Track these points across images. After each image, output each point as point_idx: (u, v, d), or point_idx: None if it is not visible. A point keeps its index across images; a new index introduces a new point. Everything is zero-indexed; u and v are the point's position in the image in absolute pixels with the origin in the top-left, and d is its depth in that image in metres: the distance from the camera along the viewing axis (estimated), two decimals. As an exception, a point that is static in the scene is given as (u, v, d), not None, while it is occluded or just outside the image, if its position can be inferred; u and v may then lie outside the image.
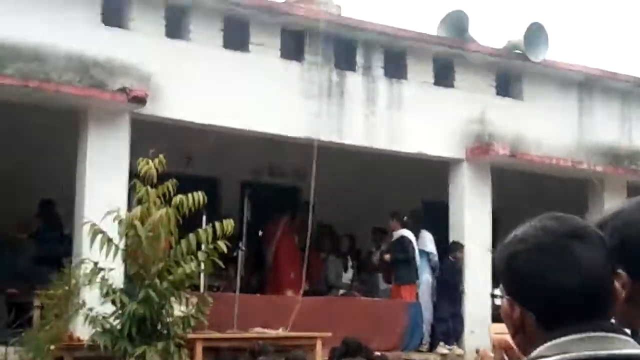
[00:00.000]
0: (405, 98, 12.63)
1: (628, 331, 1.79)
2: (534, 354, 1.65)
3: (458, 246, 12.62)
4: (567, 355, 1.61)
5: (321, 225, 13.70)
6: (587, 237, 1.71)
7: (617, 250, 1.92)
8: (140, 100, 10.32)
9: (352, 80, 12.31)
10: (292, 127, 11.57)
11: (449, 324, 12.59)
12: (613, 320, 1.73)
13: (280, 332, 10.31)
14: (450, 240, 12.91)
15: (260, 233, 13.36)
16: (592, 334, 1.64)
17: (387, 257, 13.00)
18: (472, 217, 12.85)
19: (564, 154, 13.44)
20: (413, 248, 12.64)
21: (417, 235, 12.81)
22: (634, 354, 1.64)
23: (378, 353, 9.16)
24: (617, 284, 1.88)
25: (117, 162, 9.99)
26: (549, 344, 1.64)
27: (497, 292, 2.01)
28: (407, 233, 12.82)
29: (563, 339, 1.63)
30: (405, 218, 13.06)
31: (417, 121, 12.52)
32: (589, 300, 1.66)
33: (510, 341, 2.02)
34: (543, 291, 1.66)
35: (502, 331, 1.99)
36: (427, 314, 12.56)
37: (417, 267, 12.66)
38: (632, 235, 1.97)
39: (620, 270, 1.91)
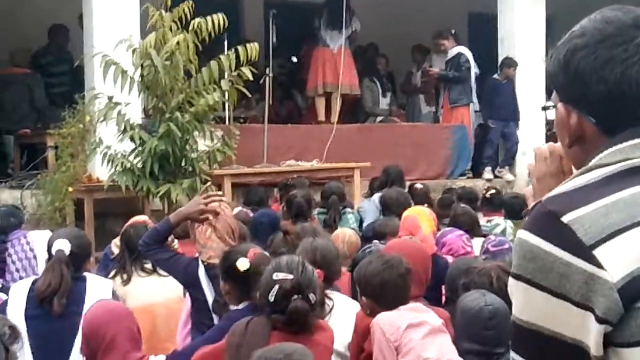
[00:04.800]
0: None
1: None
2: (593, 162, 1.61)
3: (512, 62, 12.44)
4: (630, 162, 1.57)
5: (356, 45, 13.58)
6: None
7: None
8: None
9: None
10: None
11: (497, 148, 12.62)
12: None
13: (315, 163, 10.40)
14: (500, 55, 12.73)
15: (294, 59, 13.32)
16: None
17: (433, 71, 12.91)
18: (524, 28, 12.59)
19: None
20: (470, 66, 12.52)
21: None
22: None
23: (419, 185, 9.24)
24: None
25: (126, -16, 9.82)
26: (609, 150, 1.60)
27: (549, 103, 1.98)
28: (464, 50, 12.67)
29: (626, 144, 1.59)
30: (454, 32, 12.88)
31: None
32: None
33: (549, 151, 1.98)
34: (605, 88, 1.60)
35: (556, 148, 1.95)
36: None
37: (473, 88, 12.59)
38: None
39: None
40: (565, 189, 1.59)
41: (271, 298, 3.42)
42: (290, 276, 3.43)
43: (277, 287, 3.41)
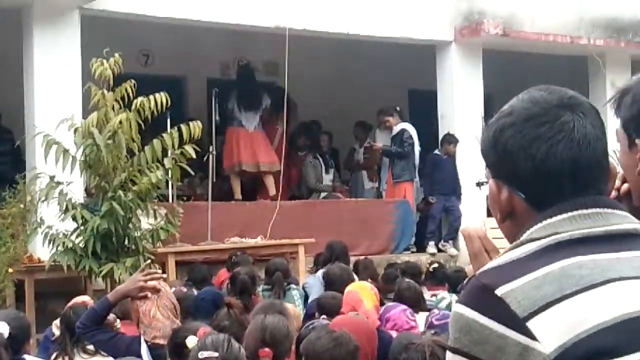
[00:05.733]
0: (384, -24, 12.45)
1: None
2: (524, 236, 1.65)
3: (452, 139, 12.63)
4: (559, 236, 1.61)
5: (298, 122, 13.72)
6: (580, 107, 1.69)
7: (636, 119, 1.91)
8: (89, -6, 10.12)
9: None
10: (261, 16, 11.41)
11: (439, 223, 12.74)
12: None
13: (259, 240, 10.41)
14: (440, 131, 12.93)
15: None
16: (585, 211, 1.64)
17: (377, 146, 13.05)
18: (463, 105, 12.85)
19: (561, 29, 13.37)
20: (413, 142, 12.69)
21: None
22: (631, 228, 1.64)
23: (361, 259, 9.28)
24: (627, 155, 1.87)
25: (68, 64, 9.84)
26: (539, 224, 1.64)
27: (483, 178, 2.04)
28: (408, 126, 12.85)
29: (554, 218, 1.63)
30: (398, 109, 13.08)
31: (398, 0, 12.37)
32: (581, 173, 1.65)
33: (484, 229, 2.03)
34: (532, 165, 1.65)
35: (476, 228, 2.01)
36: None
37: (416, 164, 12.74)
38: None
39: (638, 141, 1.91)
40: (497, 262, 1.62)
41: (198, 377, 3.39)
42: (216, 354, 3.41)
43: None
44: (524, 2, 13.21)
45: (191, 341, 3.88)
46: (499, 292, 1.55)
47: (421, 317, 6.56)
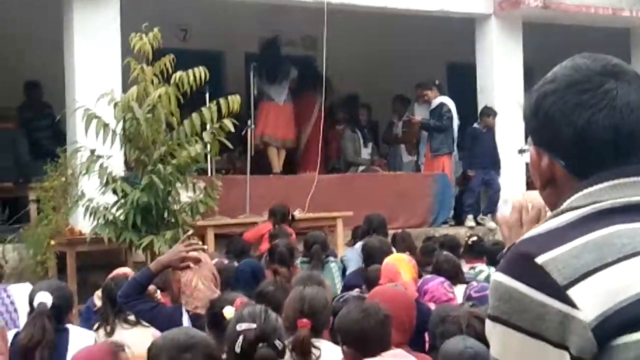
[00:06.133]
0: (422, -52, 12.36)
1: None
2: (564, 205, 1.65)
3: (490, 111, 12.56)
4: (599, 205, 1.60)
5: (337, 96, 13.69)
6: (624, 75, 1.68)
7: None
8: (129, -31, 10.15)
9: None
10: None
11: (478, 196, 12.69)
12: None
13: (297, 213, 10.43)
14: (479, 105, 12.86)
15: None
16: (626, 179, 1.63)
17: (415, 119, 13.01)
18: (503, 78, 12.75)
19: (603, 1, 13.19)
20: (452, 116, 12.64)
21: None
22: None
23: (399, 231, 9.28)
24: None
25: (107, 38, 9.89)
26: (580, 193, 1.63)
27: (526, 146, 2.02)
28: (446, 100, 12.79)
29: (595, 187, 1.62)
30: (437, 82, 13.02)
31: (437, -26, 12.29)
32: (623, 142, 1.64)
33: (529, 202, 2.03)
34: (574, 132, 1.64)
35: (536, 198, 2.00)
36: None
37: (454, 138, 12.70)
38: None
39: None
40: (537, 231, 1.62)
41: (237, 349, 3.39)
42: (254, 325, 3.42)
43: (241, 337, 3.40)
44: (565, -26, 13.05)
45: (228, 311, 3.91)
46: (539, 260, 1.54)
47: (459, 290, 6.56)
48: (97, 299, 5.78)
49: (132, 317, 5.30)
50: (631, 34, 13.68)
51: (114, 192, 8.30)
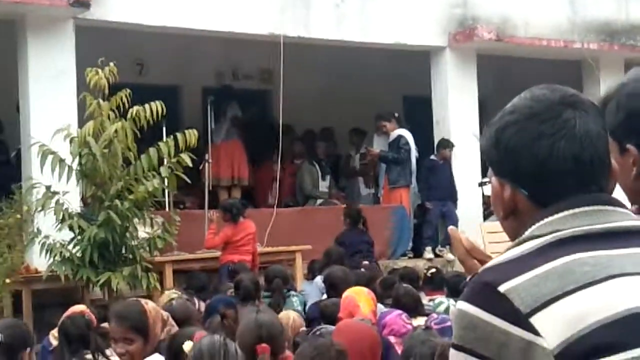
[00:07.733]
0: (377, -18, 12.48)
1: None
2: (527, 233, 1.65)
3: (447, 143, 12.65)
4: (560, 233, 1.62)
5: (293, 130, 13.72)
6: (582, 104, 1.70)
7: (624, 125, 1.94)
8: (83, 4, 10.13)
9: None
10: (255, 24, 11.43)
11: (436, 228, 12.74)
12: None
13: (257, 248, 10.39)
14: (436, 137, 12.96)
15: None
16: (587, 208, 1.64)
17: (373, 151, 13.04)
18: (458, 110, 12.87)
19: (555, 33, 13.40)
20: (410, 149, 12.70)
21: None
22: (632, 225, 1.65)
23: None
24: (620, 161, 1.88)
25: (63, 74, 9.84)
26: (541, 222, 1.65)
27: (486, 179, 2.04)
28: (404, 133, 12.86)
29: (556, 216, 1.64)
30: (396, 115, 13.09)
31: (392, 7, 12.39)
32: (583, 170, 1.66)
33: (470, 242, 2.02)
34: (535, 162, 1.66)
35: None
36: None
37: (412, 170, 12.75)
38: (638, 107, 1.97)
39: (629, 146, 1.93)
40: (500, 260, 1.63)
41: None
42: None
43: None
44: (518, 8, 13.24)
45: (188, 346, 3.88)
46: (502, 288, 1.55)
47: (420, 322, 6.56)
48: (53, 338, 5.69)
49: (89, 357, 5.22)
50: (583, 65, 13.89)
51: (71, 228, 8.23)
